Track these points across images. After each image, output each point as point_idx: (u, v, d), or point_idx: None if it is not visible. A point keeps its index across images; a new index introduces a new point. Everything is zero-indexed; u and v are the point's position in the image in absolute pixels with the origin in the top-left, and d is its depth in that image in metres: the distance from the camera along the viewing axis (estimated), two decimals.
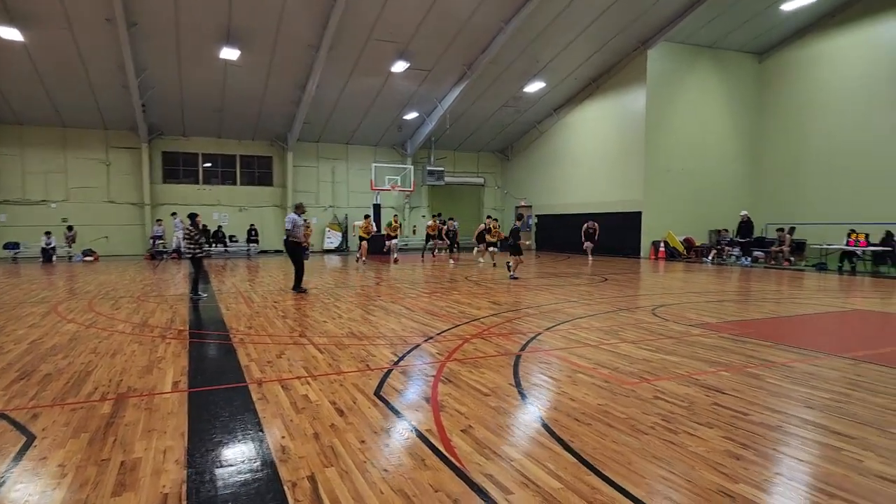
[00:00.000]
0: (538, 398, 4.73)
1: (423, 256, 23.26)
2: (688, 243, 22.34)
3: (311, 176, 27.99)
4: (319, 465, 3.43)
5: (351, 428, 4.02)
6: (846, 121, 20.13)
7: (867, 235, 17.42)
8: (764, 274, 16.50)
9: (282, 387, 5.01)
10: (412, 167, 28.45)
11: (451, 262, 20.22)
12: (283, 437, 3.85)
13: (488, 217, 20.10)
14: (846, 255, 17.62)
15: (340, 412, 4.34)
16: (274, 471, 3.34)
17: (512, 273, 14.61)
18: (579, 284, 13.27)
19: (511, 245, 14.82)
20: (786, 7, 19.57)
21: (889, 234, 17.18)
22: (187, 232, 11.18)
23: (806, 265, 18.82)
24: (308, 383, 5.12)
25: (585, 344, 6.76)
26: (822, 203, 20.72)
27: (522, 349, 6.48)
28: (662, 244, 22.14)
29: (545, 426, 4.08)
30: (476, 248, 20.33)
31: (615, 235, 22.84)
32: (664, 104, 22.27)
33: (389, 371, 5.54)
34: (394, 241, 20.72)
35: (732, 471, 3.31)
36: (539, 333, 7.39)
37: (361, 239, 19.71)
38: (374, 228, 21.29)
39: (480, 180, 31.15)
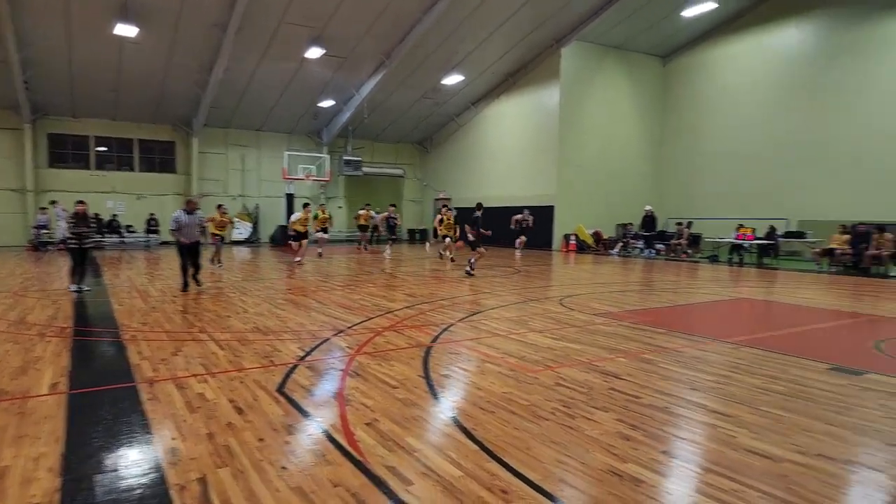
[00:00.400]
0: (446, 389, 4.76)
1: (364, 247, 22.22)
2: (597, 236, 23.38)
3: (219, 163, 26.70)
4: (212, 465, 3.26)
5: (249, 426, 3.86)
6: (741, 123, 21.78)
7: (754, 230, 18.97)
8: (664, 265, 17.57)
9: (176, 386, 4.73)
10: (328, 156, 27.81)
11: (386, 252, 19.59)
12: (173, 439, 3.63)
13: (445, 207, 17.99)
14: (735, 248, 19.10)
15: (239, 410, 4.16)
16: (161, 474, 3.15)
17: (470, 269, 13.31)
18: (494, 276, 13.53)
19: (473, 240, 13.73)
20: (687, 13, 20.83)
21: (772, 229, 18.78)
22: (69, 221, 10.28)
23: (701, 257, 20.23)
24: (205, 381, 4.87)
25: (495, 334, 6.89)
26: (717, 199, 22.32)
27: (434, 341, 6.51)
28: (573, 237, 23.03)
29: (451, 416, 4.11)
30: (430, 243, 18.59)
31: (529, 229, 23.45)
32: (577, 101, 23.11)
33: (295, 366, 5.38)
34: (323, 235, 19.01)
35: (623, 451, 3.49)
36: (451, 325, 7.45)
37: (299, 236, 16.22)
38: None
39: (399, 171, 30.99)
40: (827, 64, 19.31)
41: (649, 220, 21.65)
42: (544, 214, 23.52)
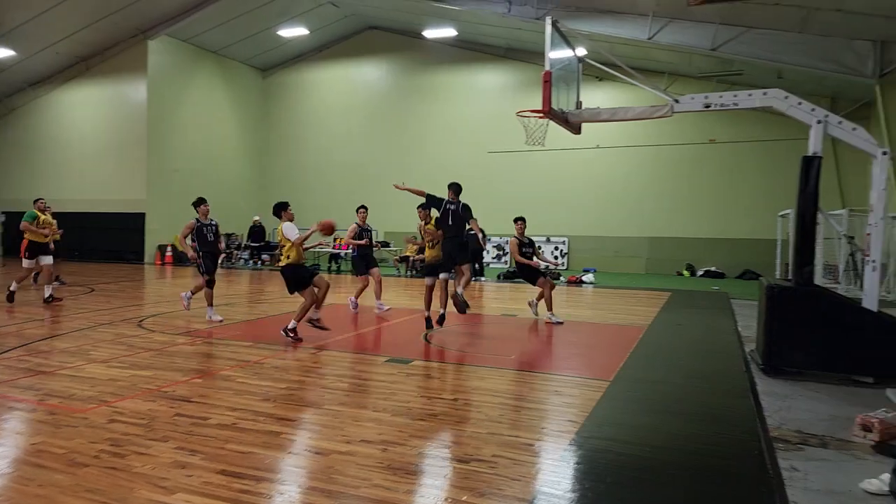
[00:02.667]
0: None
1: None
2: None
3: None
4: None
5: None
6: (335, 142, 23.99)
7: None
8: (269, 276, 17.81)
9: None
10: None
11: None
12: None
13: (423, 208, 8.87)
14: (334, 257, 20.80)
15: None
16: None
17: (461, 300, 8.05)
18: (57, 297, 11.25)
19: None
20: (283, 33, 21.78)
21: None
22: None
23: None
24: None
25: (38, 372, 5.67)
26: (318, 211, 23.65)
27: None
28: (169, 248, 21.21)
29: None
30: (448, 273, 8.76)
31: (116, 238, 20.65)
32: (169, 101, 21.45)
33: None
34: None
35: (174, 482, 3.27)
36: None
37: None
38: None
39: None
40: (400, 101, 23.08)
41: (257, 231, 21.68)
42: (133, 223, 21.02)
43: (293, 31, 21.75)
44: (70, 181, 22.16)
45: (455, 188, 8.30)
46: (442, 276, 8.27)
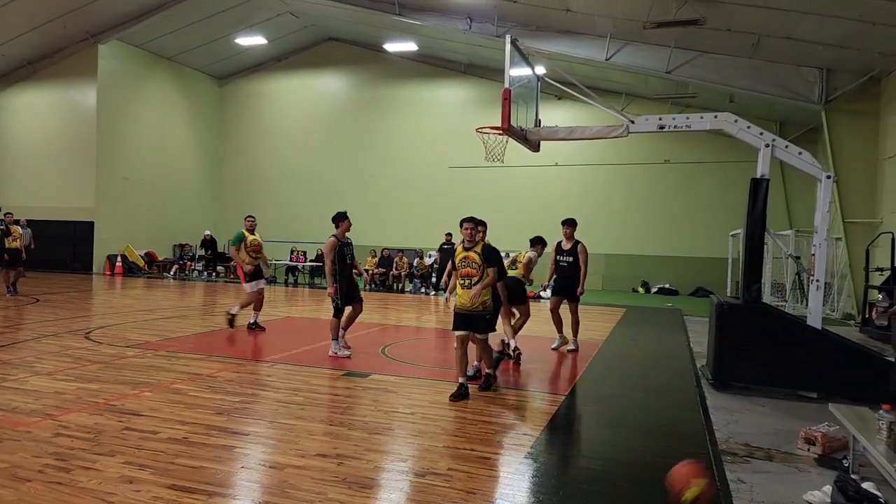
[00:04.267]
0: None
1: None
2: (149, 257, 21.46)
3: None
4: None
5: None
6: (294, 153, 23.73)
7: (305, 252, 20.79)
8: (223, 288, 17.43)
9: None
10: None
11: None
12: None
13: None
14: (290, 269, 20.51)
15: None
16: None
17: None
18: None
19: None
20: (241, 41, 21.52)
21: (321, 252, 20.98)
22: None
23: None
24: None
25: None
26: (275, 221, 23.40)
27: None
28: (120, 258, 20.50)
29: None
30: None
31: (62, 247, 19.86)
32: (120, 107, 20.85)
33: None
34: None
35: (122, 497, 3.17)
36: None
37: None
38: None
39: None
40: (360, 113, 23.07)
41: (210, 242, 21.18)
42: (81, 232, 20.28)
43: (251, 40, 21.51)
44: (14, 188, 21.21)
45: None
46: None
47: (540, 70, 8.84)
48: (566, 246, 8.28)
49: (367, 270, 19.00)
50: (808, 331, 6.03)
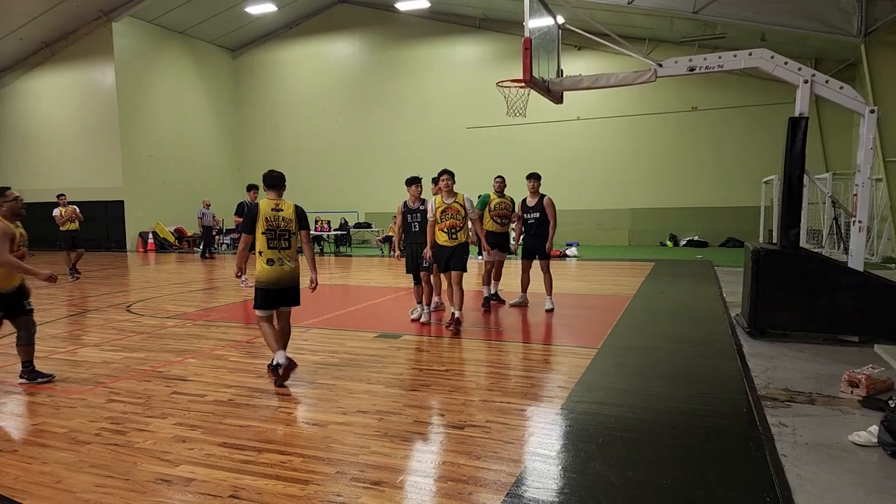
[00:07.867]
0: None
1: None
2: (179, 233, 21.89)
3: None
4: None
5: None
6: (310, 123, 23.62)
7: (329, 222, 20.95)
8: (253, 259, 17.66)
9: None
10: None
11: None
12: None
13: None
14: (316, 239, 20.73)
15: None
16: None
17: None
18: (41, 286, 11.13)
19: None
20: (251, 10, 21.27)
21: (345, 221, 21.12)
22: None
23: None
24: None
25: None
26: (296, 194, 23.54)
27: None
28: (151, 235, 20.96)
29: None
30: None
31: (97, 227, 20.36)
32: (138, 85, 20.99)
33: None
34: None
35: (176, 455, 3.32)
36: None
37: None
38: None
39: None
40: (373, 77, 22.77)
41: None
42: (113, 211, 20.74)
43: (261, 8, 21.21)
44: (43, 171, 21.69)
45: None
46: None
47: (560, 19, 8.57)
48: (531, 202, 7.89)
49: (390, 237, 19.08)
50: (850, 274, 5.86)
